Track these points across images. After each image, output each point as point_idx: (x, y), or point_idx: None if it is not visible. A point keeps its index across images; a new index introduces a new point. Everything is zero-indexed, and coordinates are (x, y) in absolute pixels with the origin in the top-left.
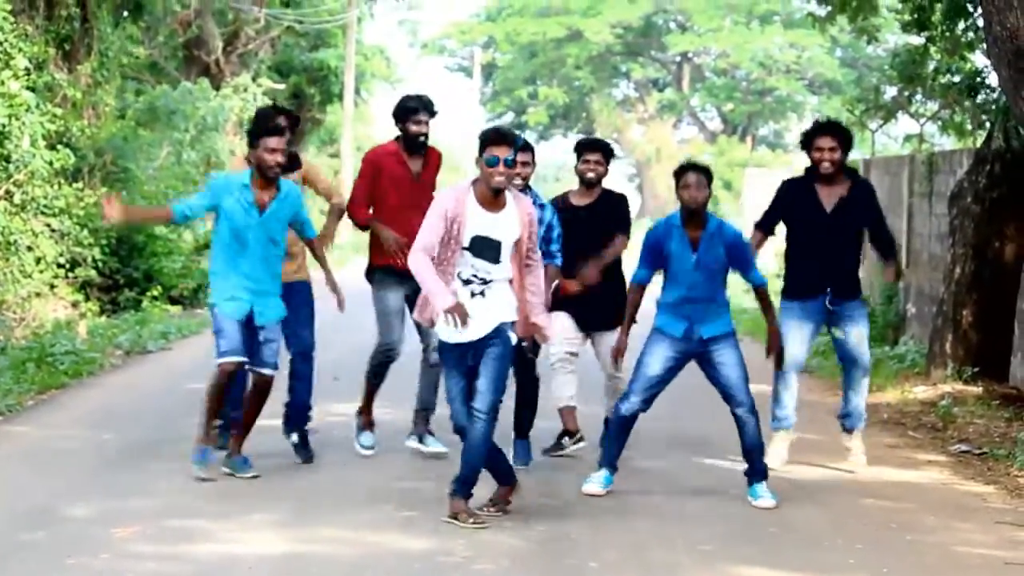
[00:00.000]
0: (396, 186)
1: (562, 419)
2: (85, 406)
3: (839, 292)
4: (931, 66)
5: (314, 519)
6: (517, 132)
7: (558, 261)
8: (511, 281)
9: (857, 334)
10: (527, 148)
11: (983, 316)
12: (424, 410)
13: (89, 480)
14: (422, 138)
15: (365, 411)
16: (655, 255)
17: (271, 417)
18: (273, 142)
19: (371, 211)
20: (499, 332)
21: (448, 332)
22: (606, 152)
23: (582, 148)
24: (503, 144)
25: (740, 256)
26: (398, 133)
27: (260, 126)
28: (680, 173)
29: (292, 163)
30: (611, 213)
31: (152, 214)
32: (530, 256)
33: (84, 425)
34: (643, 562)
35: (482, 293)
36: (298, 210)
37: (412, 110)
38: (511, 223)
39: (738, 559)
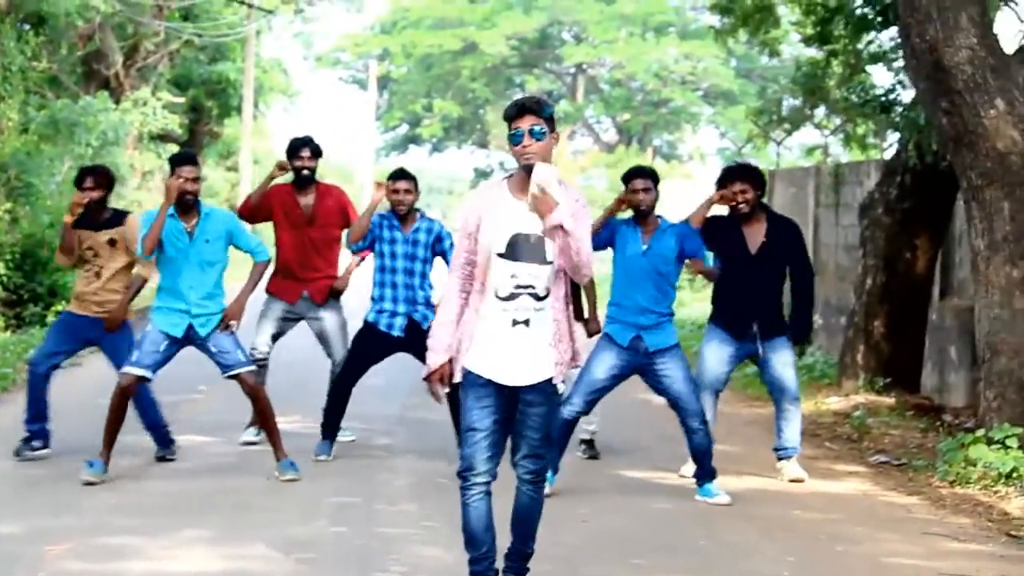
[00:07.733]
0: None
1: None
2: (1, 422)
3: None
4: (833, 80)
5: (246, 535)
6: (548, 101)
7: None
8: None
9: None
10: (408, 176)
11: (894, 327)
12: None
13: (15, 498)
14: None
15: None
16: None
17: (190, 433)
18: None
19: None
20: (544, 385)
21: (476, 363)
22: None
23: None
24: (525, 115)
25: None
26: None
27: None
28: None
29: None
30: None
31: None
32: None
33: (1, 441)
34: None
35: (526, 322)
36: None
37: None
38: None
39: (671, 571)
